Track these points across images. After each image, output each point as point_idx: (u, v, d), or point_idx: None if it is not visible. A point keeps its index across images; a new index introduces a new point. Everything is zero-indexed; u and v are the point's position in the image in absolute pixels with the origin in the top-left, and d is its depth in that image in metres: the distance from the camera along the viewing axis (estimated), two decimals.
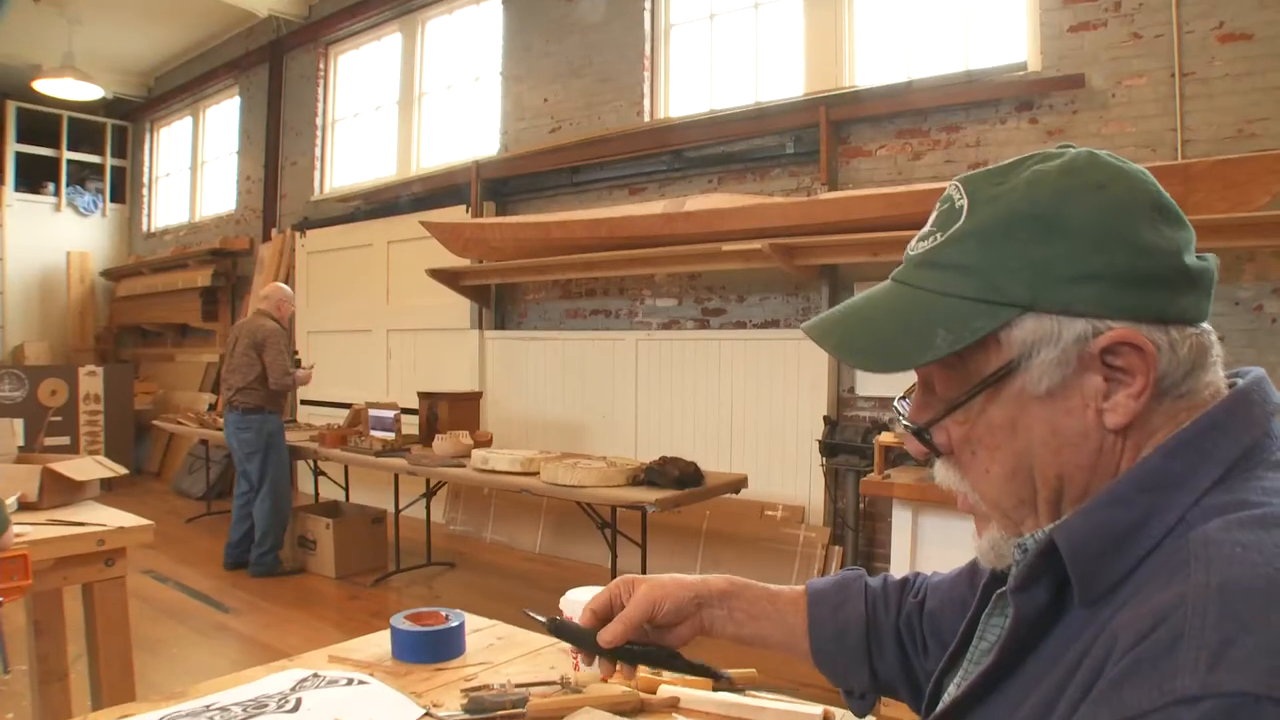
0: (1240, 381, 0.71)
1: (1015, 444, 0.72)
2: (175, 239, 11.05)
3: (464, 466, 4.85)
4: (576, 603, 1.43)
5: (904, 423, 0.80)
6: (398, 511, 5.81)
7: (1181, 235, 0.70)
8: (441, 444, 5.18)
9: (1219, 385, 0.71)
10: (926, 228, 0.76)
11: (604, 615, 1.07)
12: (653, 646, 1.06)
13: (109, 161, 11.64)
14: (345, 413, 6.53)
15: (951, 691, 0.84)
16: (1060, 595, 0.70)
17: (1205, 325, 0.71)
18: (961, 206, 0.73)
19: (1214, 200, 3.77)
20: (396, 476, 5.75)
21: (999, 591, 0.81)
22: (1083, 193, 0.69)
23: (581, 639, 1.07)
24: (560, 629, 1.09)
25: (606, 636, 1.02)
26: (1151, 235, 0.68)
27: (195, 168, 11.06)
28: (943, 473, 0.79)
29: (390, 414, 5.72)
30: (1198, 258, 0.70)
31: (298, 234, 8.73)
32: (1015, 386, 0.70)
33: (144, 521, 2.49)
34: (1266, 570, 0.55)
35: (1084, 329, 0.67)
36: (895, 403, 0.81)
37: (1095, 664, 0.60)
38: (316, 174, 8.97)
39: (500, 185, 6.98)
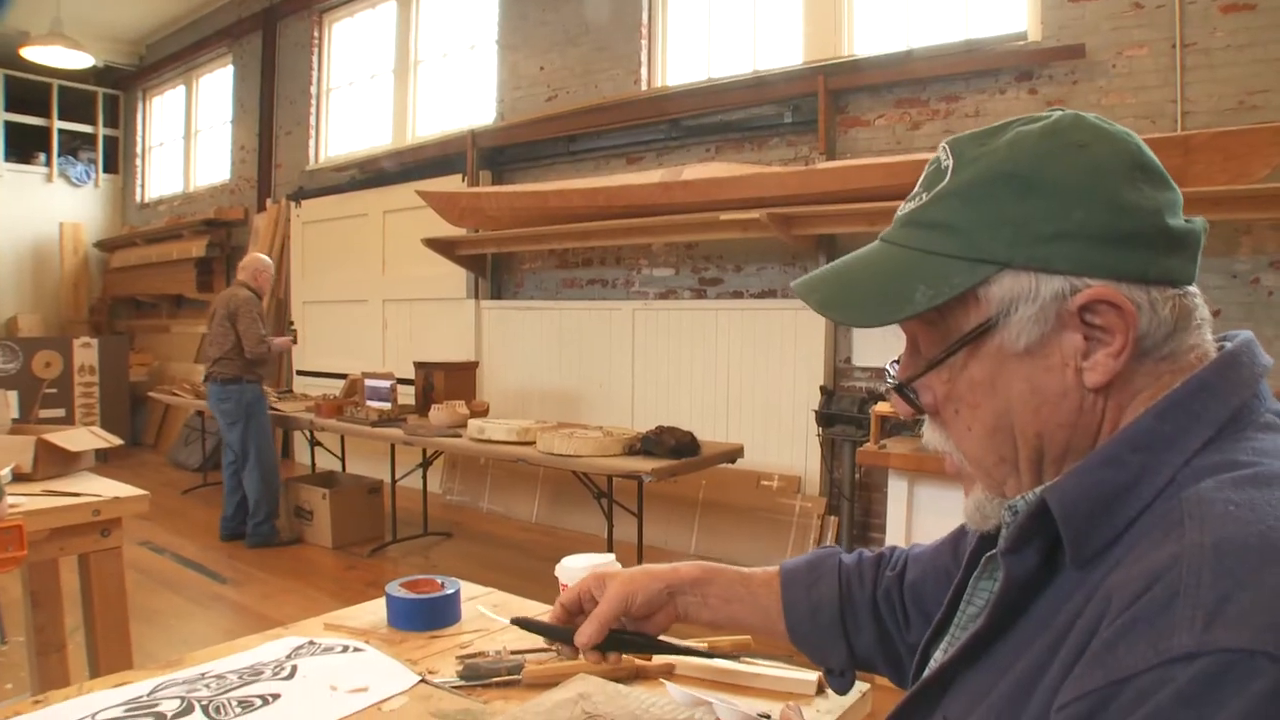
0: (1229, 344, 0.72)
1: (996, 402, 0.72)
2: (169, 209, 10.98)
3: (460, 436, 4.85)
4: (572, 569, 1.43)
5: (889, 380, 0.80)
6: (394, 482, 5.82)
7: (1164, 196, 0.69)
8: (438, 414, 5.18)
9: (1206, 348, 0.71)
10: (915, 189, 0.77)
11: (574, 610, 1.07)
12: (635, 634, 1.06)
13: (101, 131, 11.53)
14: (341, 383, 6.52)
15: (938, 658, 0.84)
16: (1051, 557, 0.70)
17: (1191, 288, 0.71)
18: (947, 167, 0.74)
19: (1213, 172, 3.75)
20: (393, 446, 5.76)
21: (989, 554, 0.81)
22: (1063, 152, 0.69)
23: (556, 636, 1.07)
24: (533, 627, 1.08)
25: (581, 638, 1.03)
26: (1132, 194, 0.68)
27: (189, 137, 10.98)
28: (930, 433, 0.80)
29: (386, 384, 5.71)
30: (1185, 220, 0.70)
31: (293, 204, 8.68)
32: (994, 343, 0.71)
33: (139, 492, 2.48)
34: (1260, 528, 0.55)
35: (1061, 286, 0.68)
36: (887, 365, 0.81)
37: (1089, 624, 0.60)
38: (311, 143, 8.91)
39: (496, 154, 6.94)
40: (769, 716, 0.89)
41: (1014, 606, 0.72)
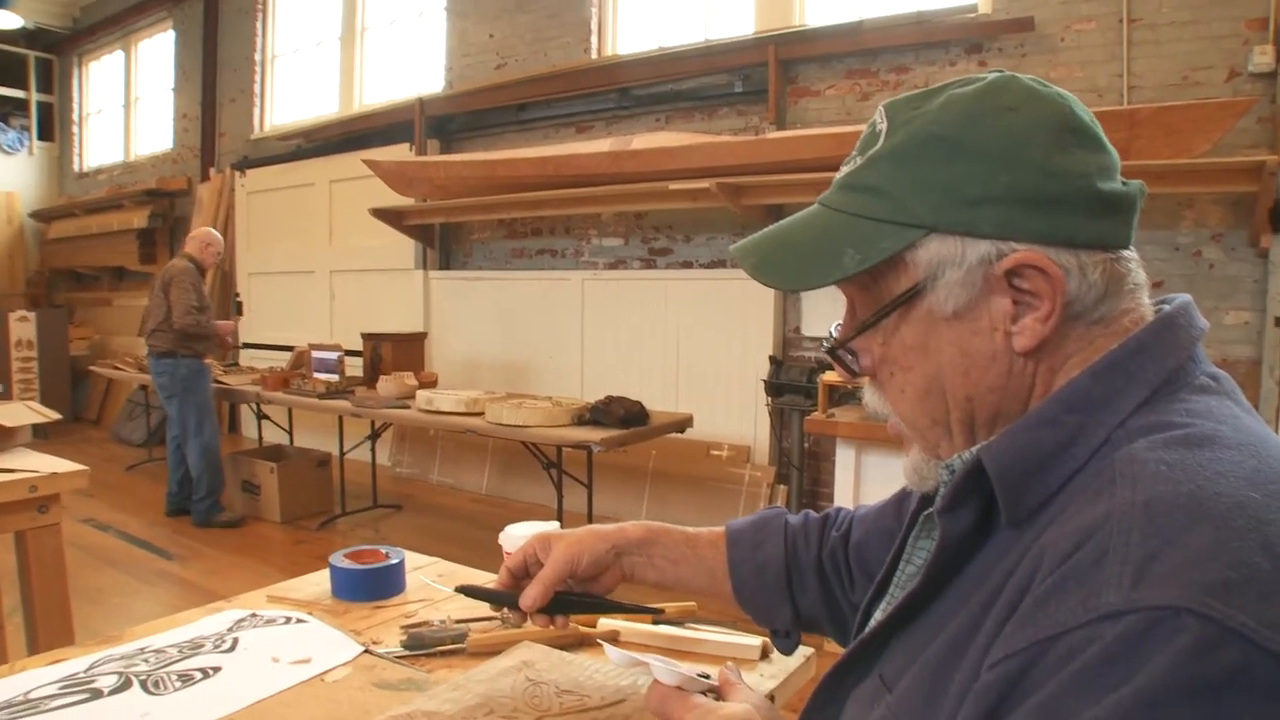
0: (1167, 308, 0.72)
1: (927, 365, 0.73)
2: (109, 179, 10.67)
3: (408, 408, 4.82)
4: (516, 537, 1.43)
5: (825, 344, 0.81)
6: (342, 454, 5.78)
7: (1097, 159, 0.69)
8: (386, 385, 5.14)
9: (1141, 312, 0.71)
10: (852, 152, 0.77)
11: (519, 574, 1.07)
12: (583, 595, 1.06)
13: (34, 97, 11.15)
14: (288, 355, 6.43)
15: (878, 618, 0.85)
16: (987, 517, 0.71)
17: (1126, 252, 0.71)
18: (881, 130, 0.73)
19: (1157, 146, 3.82)
20: (341, 419, 5.71)
21: (925, 513, 0.82)
22: (993, 115, 0.69)
23: (501, 601, 1.07)
24: (477, 594, 1.08)
25: (526, 601, 1.02)
26: (1060, 158, 0.67)
27: (129, 105, 10.65)
28: (869, 395, 0.80)
29: (334, 356, 5.65)
30: (1121, 183, 0.70)
31: (237, 174, 8.51)
32: (924, 308, 0.71)
33: (78, 467, 2.43)
34: (1189, 488, 0.56)
35: (988, 250, 0.68)
36: (830, 328, 0.82)
37: (1021, 582, 0.61)
38: (256, 112, 8.72)
39: (445, 123, 6.86)
40: (708, 676, 0.90)
41: (950, 566, 0.72)
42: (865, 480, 3.75)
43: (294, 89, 8.57)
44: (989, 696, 0.58)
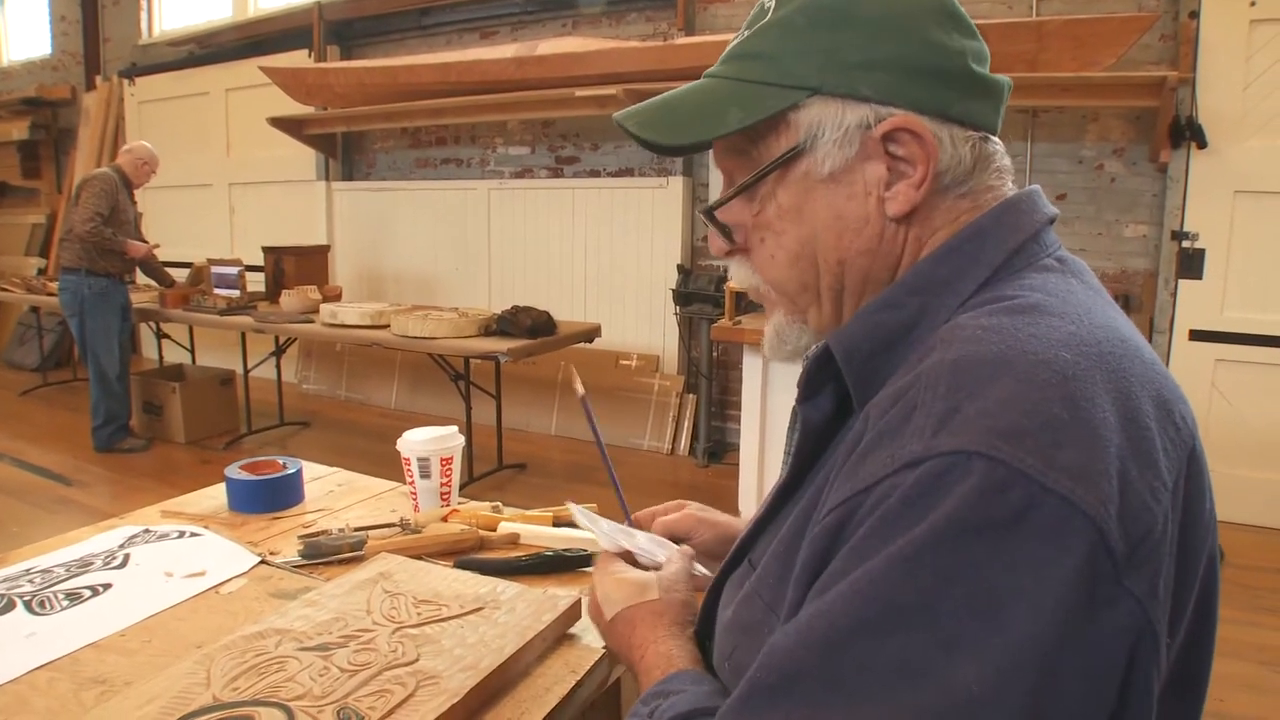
0: (1013, 193, 0.74)
1: (801, 229, 0.73)
2: None
3: (313, 322, 4.73)
4: (413, 442, 1.45)
5: (699, 210, 0.82)
6: (246, 372, 5.65)
7: (971, 44, 0.71)
8: (289, 300, 5.02)
9: (1004, 193, 0.73)
10: (740, 29, 0.78)
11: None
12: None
13: None
14: (186, 272, 6.22)
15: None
16: (844, 405, 0.73)
17: (994, 138, 0.73)
18: (769, 7, 0.75)
19: (1064, 59, 3.88)
20: (243, 335, 5.58)
21: (793, 407, 0.84)
22: None
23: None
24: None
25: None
26: (940, 35, 0.70)
27: None
28: (736, 269, 0.81)
29: (234, 270, 5.48)
30: (991, 74, 0.73)
31: (125, 82, 8.08)
32: (801, 169, 0.72)
33: None
34: (999, 347, 0.58)
35: (867, 114, 0.69)
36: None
37: (851, 446, 0.63)
38: (143, 15, 8.24)
39: (344, 28, 6.60)
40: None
41: (812, 454, 0.75)
42: (772, 389, 3.80)
43: None
44: (814, 547, 0.61)
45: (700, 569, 0.96)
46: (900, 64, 0.69)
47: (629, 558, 0.97)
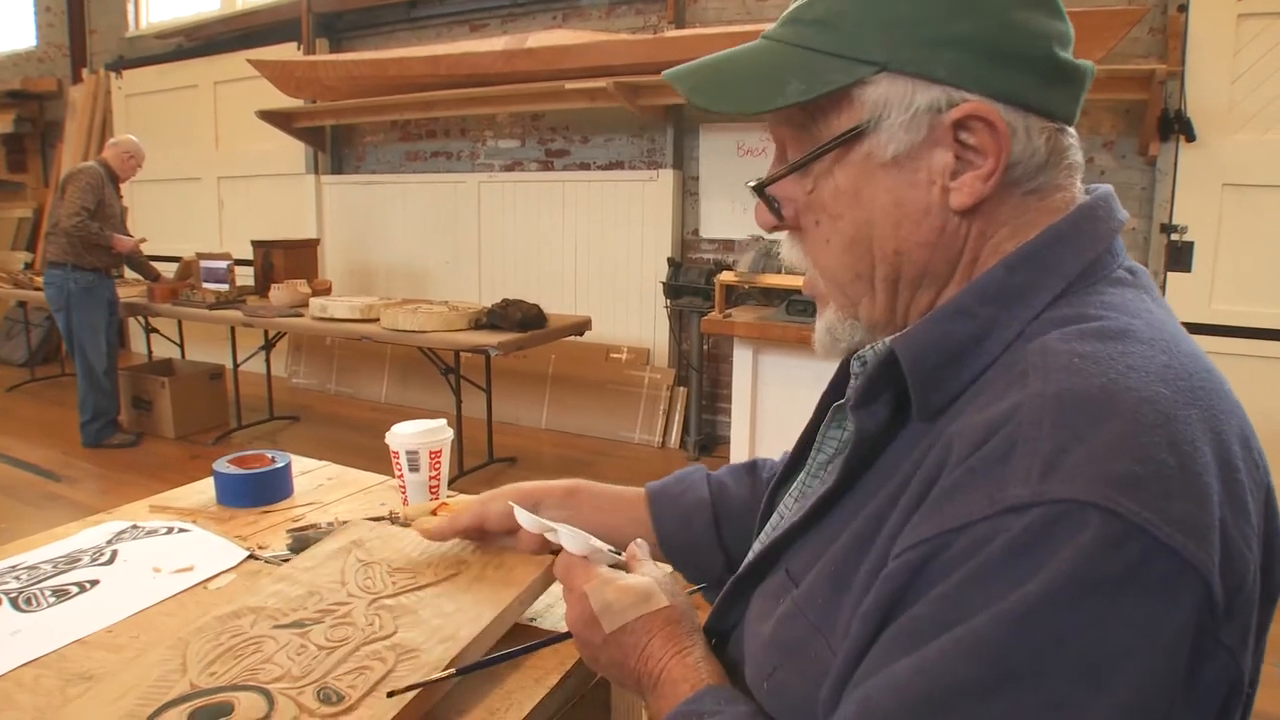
0: (1088, 197, 0.70)
1: (857, 213, 0.69)
2: None
3: (302, 316, 4.72)
4: (402, 435, 1.42)
5: (750, 183, 0.77)
6: (236, 366, 5.63)
7: (1057, 26, 0.67)
8: (278, 294, 5.00)
9: (1073, 194, 0.70)
10: None
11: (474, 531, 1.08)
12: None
13: None
14: (175, 266, 6.19)
15: (789, 505, 0.85)
16: (900, 410, 0.69)
17: (1070, 129, 0.69)
18: None
19: None
20: (233, 330, 5.56)
21: (836, 404, 0.81)
22: None
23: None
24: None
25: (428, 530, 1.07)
26: (1023, 14, 0.65)
27: None
28: (787, 248, 0.77)
29: (223, 265, 5.45)
30: (1075, 59, 0.68)
31: (112, 75, 8.03)
32: (863, 150, 0.67)
33: None
34: (1101, 381, 0.55)
35: (939, 96, 0.64)
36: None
37: (929, 473, 0.60)
38: (130, 7, 8.19)
39: (334, 20, 6.57)
40: (619, 553, 0.91)
41: (864, 461, 0.71)
42: (762, 381, 3.81)
43: None
44: (892, 584, 0.58)
45: (601, 544, 0.92)
46: (978, 44, 0.64)
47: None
